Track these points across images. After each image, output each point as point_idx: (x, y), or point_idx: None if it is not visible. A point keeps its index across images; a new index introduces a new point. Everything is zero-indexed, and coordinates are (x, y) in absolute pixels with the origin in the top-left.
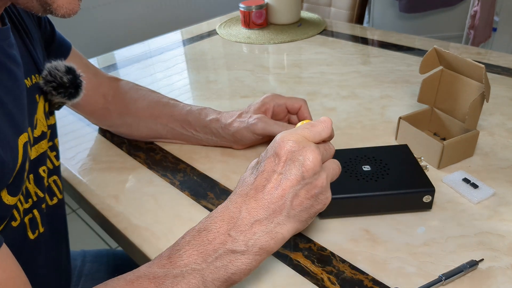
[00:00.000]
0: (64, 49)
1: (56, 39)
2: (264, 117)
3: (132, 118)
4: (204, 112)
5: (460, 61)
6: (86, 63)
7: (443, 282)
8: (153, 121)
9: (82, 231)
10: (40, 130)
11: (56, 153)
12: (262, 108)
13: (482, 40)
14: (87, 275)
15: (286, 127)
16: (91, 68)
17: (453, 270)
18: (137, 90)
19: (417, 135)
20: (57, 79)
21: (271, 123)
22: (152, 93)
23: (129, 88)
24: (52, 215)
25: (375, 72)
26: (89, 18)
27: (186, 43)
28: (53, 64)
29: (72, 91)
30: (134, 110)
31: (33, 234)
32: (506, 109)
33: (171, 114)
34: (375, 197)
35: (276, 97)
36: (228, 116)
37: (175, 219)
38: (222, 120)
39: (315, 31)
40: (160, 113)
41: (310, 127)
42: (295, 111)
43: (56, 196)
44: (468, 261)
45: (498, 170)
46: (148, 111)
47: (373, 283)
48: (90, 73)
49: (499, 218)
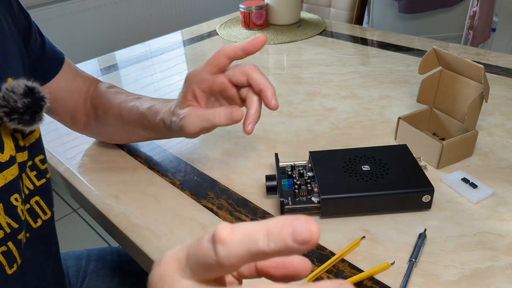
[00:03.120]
0: (56, 63)
1: (46, 52)
2: (188, 114)
3: (103, 127)
4: (154, 110)
5: (459, 61)
6: (76, 71)
7: (416, 262)
8: (121, 129)
9: (83, 231)
10: (8, 155)
11: (37, 172)
12: (187, 95)
13: (481, 40)
14: (92, 273)
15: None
16: (80, 74)
17: (414, 249)
18: (106, 95)
19: (416, 135)
20: (10, 104)
21: (199, 119)
22: (117, 98)
23: (102, 93)
24: (37, 239)
25: (374, 72)
26: (89, 18)
27: (186, 44)
28: (11, 84)
29: (28, 117)
30: (103, 119)
31: (10, 268)
32: (505, 109)
33: (133, 121)
34: (374, 197)
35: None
36: (168, 112)
37: (176, 219)
38: (167, 121)
39: (315, 31)
40: (123, 122)
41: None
42: (244, 83)
43: (40, 217)
44: (418, 236)
45: (497, 170)
46: (113, 119)
47: (373, 283)
48: (79, 81)
49: (498, 218)
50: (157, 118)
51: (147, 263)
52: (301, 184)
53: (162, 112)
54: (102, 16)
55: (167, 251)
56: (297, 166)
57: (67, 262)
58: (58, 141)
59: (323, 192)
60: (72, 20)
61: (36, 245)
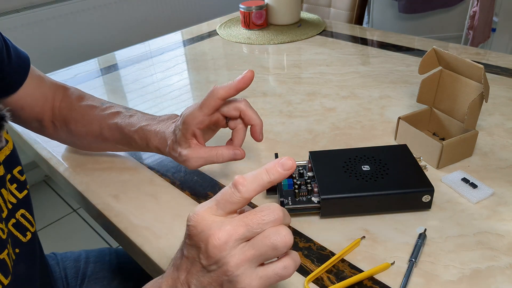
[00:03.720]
0: (23, 69)
1: (12, 59)
2: (192, 154)
3: (77, 138)
4: (143, 136)
5: (459, 61)
6: (41, 76)
7: (416, 262)
8: (102, 145)
9: (83, 231)
10: None
11: (17, 185)
12: (187, 135)
13: (481, 40)
14: (90, 276)
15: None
16: (45, 79)
17: (414, 249)
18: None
19: (416, 135)
20: None
21: (202, 159)
22: (93, 114)
23: (73, 106)
24: (28, 253)
25: (374, 72)
26: (90, 18)
27: (186, 44)
28: None
29: None
30: (76, 133)
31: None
32: (505, 109)
33: (115, 139)
34: (374, 197)
35: (195, 116)
36: (163, 143)
37: (176, 219)
38: (163, 151)
39: (315, 31)
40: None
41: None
42: (236, 117)
43: (29, 230)
44: (418, 236)
45: (497, 170)
46: (92, 136)
47: (373, 283)
48: (45, 86)
49: (498, 218)
50: (150, 145)
51: (147, 263)
52: (301, 184)
53: (156, 141)
54: (102, 16)
55: (196, 207)
56: (297, 166)
57: (65, 264)
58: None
59: (323, 192)
60: (72, 20)
61: (27, 260)
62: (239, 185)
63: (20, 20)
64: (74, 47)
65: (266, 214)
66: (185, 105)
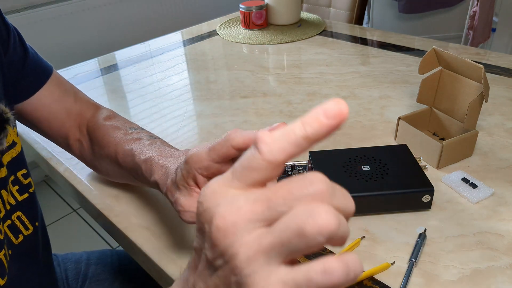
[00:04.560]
0: (39, 77)
1: (27, 65)
2: (191, 203)
3: (99, 163)
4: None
5: (459, 61)
6: (67, 89)
7: (416, 262)
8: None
9: (83, 231)
10: None
11: (19, 187)
12: (187, 179)
13: (481, 40)
14: (91, 278)
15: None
16: (72, 93)
17: (414, 249)
18: (102, 129)
19: (416, 135)
20: None
21: None
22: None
23: (99, 125)
24: (19, 255)
25: (374, 72)
26: (90, 18)
27: (186, 44)
28: None
29: None
30: (98, 156)
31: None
32: (505, 109)
33: (127, 168)
34: (374, 197)
35: (201, 159)
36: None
37: (176, 219)
38: (161, 189)
39: (315, 31)
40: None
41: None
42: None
43: (22, 233)
44: (418, 236)
45: (497, 170)
46: (111, 158)
47: (373, 283)
48: (68, 101)
49: (498, 218)
50: (152, 179)
51: (147, 263)
52: None
53: (158, 175)
54: (102, 16)
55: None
56: (297, 166)
57: (66, 265)
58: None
59: None
60: (72, 20)
61: (19, 262)
62: (260, 143)
63: (20, 20)
64: (74, 47)
65: (299, 186)
66: (185, 105)
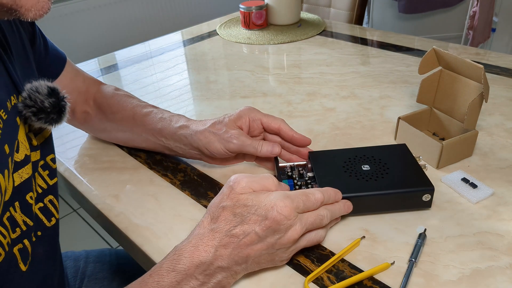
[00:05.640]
0: (59, 63)
1: (49, 53)
2: (240, 134)
3: (110, 125)
4: (175, 118)
5: (459, 61)
6: (76, 71)
7: (416, 262)
8: (129, 131)
9: (83, 231)
10: (23, 154)
11: (49, 172)
12: (238, 121)
13: (481, 40)
14: (90, 276)
15: (261, 146)
16: (80, 74)
17: (414, 249)
18: (116, 97)
19: (416, 135)
20: (38, 104)
21: (247, 142)
22: (129, 101)
23: (110, 95)
24: (49, 237)
25: (374, 72)
26: (90, 18)
27: (186, 44)
28: (34, 85)
29: (54, 116)
30: (111, 118)
31: (25, 265)
32: (505, 109)
33: (144, 123)
34: (374, 197)
35: (252, 111)
36: (200, 124)
37: (176, 219)
38: (192, 127)
39: (315, 31)
40: (135, 123)
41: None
42: (272, 131)
43: (54, 216)
44: (418, 236)
45: (497, 170)
46: (125, 121)
47: (373, 283)
48: (79, 80)
49: (498, 218)
50: (177, 125)
51: (147, 263)
52: (301, 185)
53: (187, 121)
54: (102, 16)
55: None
56: (297, 166)
57: (66, 263)
58: (58, 141)
59: None
60: (72, 20)
61: (46, 244)
62: None
63: None
64: (74, 47)
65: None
66: (185, 105)
